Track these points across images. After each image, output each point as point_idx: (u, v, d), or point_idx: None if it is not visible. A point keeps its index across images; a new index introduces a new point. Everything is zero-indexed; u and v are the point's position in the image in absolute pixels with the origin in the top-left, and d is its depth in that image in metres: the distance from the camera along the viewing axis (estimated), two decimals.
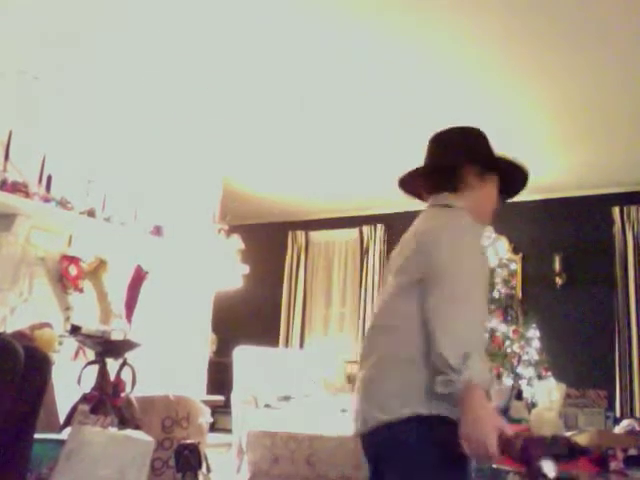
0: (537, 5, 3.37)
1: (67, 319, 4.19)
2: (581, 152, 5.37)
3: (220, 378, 5.47)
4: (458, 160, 1.77)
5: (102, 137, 4.78)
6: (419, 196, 1.92)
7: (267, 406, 4.64)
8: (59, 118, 4.48)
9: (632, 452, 2.67)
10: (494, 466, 2.90)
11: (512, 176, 1.83)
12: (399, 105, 4.62)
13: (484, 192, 1.79)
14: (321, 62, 4.11)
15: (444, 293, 1.51)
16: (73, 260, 4.33)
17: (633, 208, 5.94)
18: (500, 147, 1.82)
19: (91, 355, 3.71)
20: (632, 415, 5.36)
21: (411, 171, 1.88)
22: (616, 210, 6.01)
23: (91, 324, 3.78)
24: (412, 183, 1.91)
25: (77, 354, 4.09)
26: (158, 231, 4.99)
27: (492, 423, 1.38)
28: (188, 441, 3.46)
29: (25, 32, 3.88)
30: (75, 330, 3.44)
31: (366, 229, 7.24)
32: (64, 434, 2.84)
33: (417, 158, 1.88)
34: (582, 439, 2.93)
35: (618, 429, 3.48)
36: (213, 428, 4.58)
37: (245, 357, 4.88)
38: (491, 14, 3.48)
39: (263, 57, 4.09)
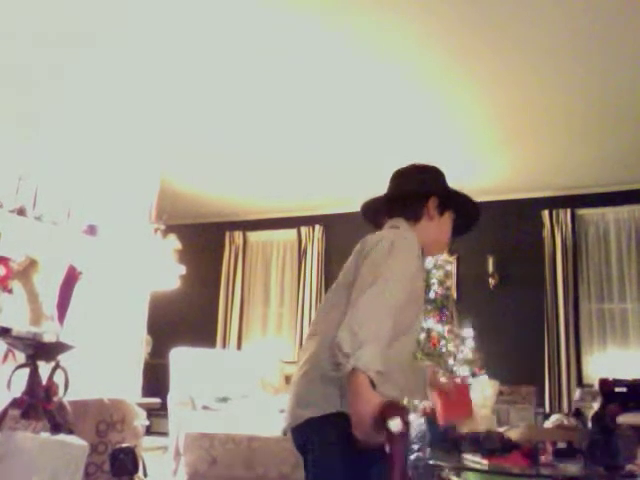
0: (466, 19, 3.54)
1: None
2: (512, 157, 5.55)
3: (156, 380, 5.38)
4: (423, 190, 1.93)
5: (34, 133, 4.63)
6: (378, 224, 2.00)
7: (205, 407, 4.59)
8: None
9: (561, 445, 2.78)
10: (430, 462, 2.97)
11: (465, 213, 2.01)
12: (336, 105, 4.66)
13: (441, 224, 1.94)
14: (253, 60, 4.11)
15: (363, 285, 1.61)
16: (2, 260, 4.18)
17: (562, 211, 6.18)
18: (436, 153, 1.90)
19: (21, 358, 3.59)
20: (560, 410, 5.58)
21: (376, 197, 1.99)
22: (545, 213, 6.24)
23: (21, 326, 3.65)
24: (374, 211, 2.02)
25: (6, 357, 3.95)
26: (92, 230, 4.88)
27: (368, 401, 1.46)
28: (124, 445, 3.39)
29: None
30: (5, 332, 3.32)
31: (304, 230, 7.26)
32: None
33: (355, 158, 1.92)
34: (514, 434, 3.04)
35: (548, 424, 3.61)
36: (149, 431, 4.50)
37: (182, 358, 4.82)
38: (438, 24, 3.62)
39: (211, 58, 4.06)
